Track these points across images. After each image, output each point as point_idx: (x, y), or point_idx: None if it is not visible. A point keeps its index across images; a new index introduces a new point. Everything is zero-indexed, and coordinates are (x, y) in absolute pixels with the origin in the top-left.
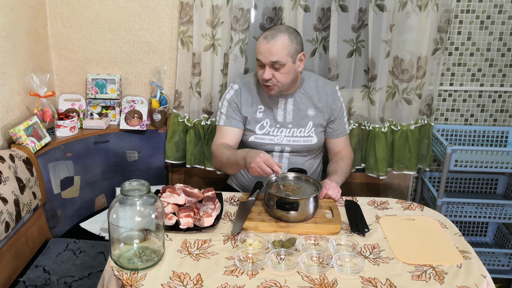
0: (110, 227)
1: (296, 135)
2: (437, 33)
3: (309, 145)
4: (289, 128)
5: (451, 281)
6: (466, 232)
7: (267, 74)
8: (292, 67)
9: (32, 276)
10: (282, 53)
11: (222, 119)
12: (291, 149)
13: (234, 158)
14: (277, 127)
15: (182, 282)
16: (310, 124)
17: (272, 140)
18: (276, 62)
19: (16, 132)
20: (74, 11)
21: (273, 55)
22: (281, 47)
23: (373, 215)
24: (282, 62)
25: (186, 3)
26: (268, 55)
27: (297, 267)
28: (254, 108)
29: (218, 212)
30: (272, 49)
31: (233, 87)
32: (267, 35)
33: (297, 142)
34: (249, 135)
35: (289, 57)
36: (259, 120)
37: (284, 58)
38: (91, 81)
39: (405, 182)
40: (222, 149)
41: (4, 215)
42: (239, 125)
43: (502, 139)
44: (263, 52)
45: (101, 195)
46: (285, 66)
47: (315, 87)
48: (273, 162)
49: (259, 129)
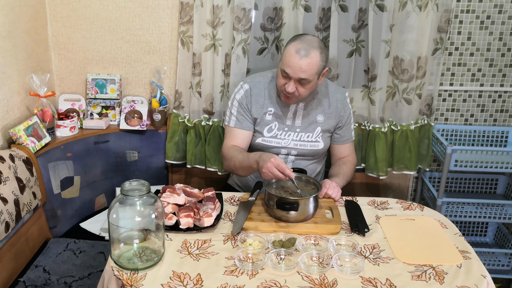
0: (110, 227)
1: (304, 139)
2: (437, 33)
3: (315, 150)
4: (297, 132)
5: (451, 281)
6: (466, 232)
7: (291, 88)
8: (316, 83)
9: (32, 276)
10: (312, 71)
11: (232, 120)
12: (297, 153)
13: (247, 162)
14: (285, 130)
15: (182, 282)
16: (318, 129)
17: (279, 144)
18: (304, 79)
19: (16, 132)
20: (74, 11)
21: (304, 72)
22: (313, 65)
23: (373, 215)
24: (309, 79)
25: (186, 3)
26: (298, 72)
27: (297, 267)
28: (264, 110)
29: (218, 212)
30: (303, 66)
31: (243, 87)
32: (299, 50)
33: (304, 147)
34: (257, 136)
35: (317, 74)
36: (268, 123)
37: (312, 76)
38: (91, 81)
39: (405, 182)
40: (234, 152)
41: (4, 215)
42: (250, 127)
43: (502, 139)
44: (293, 67)
45: (101, 195)
46: (311, 82)
47: (326, 92)
48: (284, 167)
49: (267, 132)
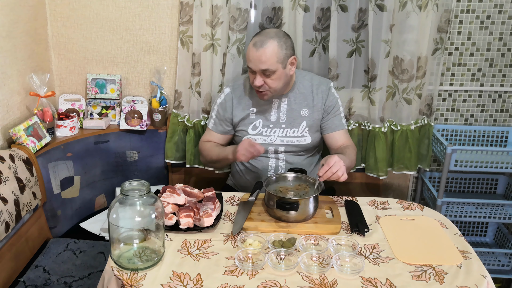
0: (110, 227)
1: (290, 135)
2: (437, 33)
3: (303, 145)
4: (283, 128)
5: (451, 281)
6: (466, 232)
7: (258, 81)
8: (283, 72)
9: (32, 276)
10: (271, 60)
11: (211, 122)
12: (285, 149)
13: (223, 153)
14: (270, 127)
15: (182, 282)
16: (303, 124)
17: (265, 140)
18: (266, 69)
19: (16, 132)
20: (74, 11)
21: (263, 63)
22: (270, 54)
23: (373, 215)
24: (272, 69)
25: (186, 3)
26: (258, 63)
27: (297, 267)
28: (247, 111)
29: (218, 212)
30: (262, 57)
31: (224, 91)
32: (256, 42)
33: (291, 142)
34: (243, 135)
35: (279, 63)
36: (252, 121)
37: (274, 65)
38: (91, 81)
39: (405, 182)
40: (211, 147)
41: (4, 215)
42: (226, 131)
43: (502, 139)
44: (253, 60)
45: (101, 195)
46: (276, 72)
47: (309, 86)
48: (254, 143)
49: (252, 129)
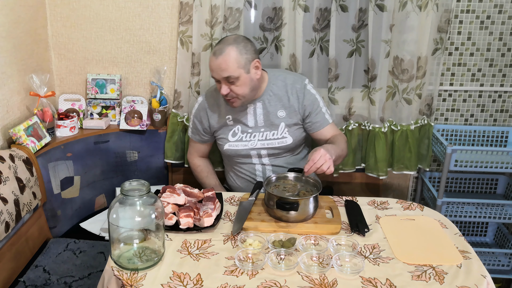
0: (110, 227)
1: (270, 137)
2: (437, 33)
3: (285, 146)
4: (262, 132)
5: (451, 281)
6: (466, 232)
7: (224, 90)
8: (247, 77)
9: (32, 276)
10: (232, 67)
11: (189, 131)
12: (267, 152)
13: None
14: (249, 132)
15: (182, 282)
16: (282, 125)
17: (246, 146)
18: (228, 77)
19: (16, 132)
20: (74, 11)
21: (224, 70)
22: (230, 61)
23: (373, 215)
24: (234, 75)
25: (186, 3)
26: (219, 71)
27: (297, 267)
28: (223, 119)
29: (218, 212)
30: (222, 65)
31: (198, 100)
32: (215, 51)
33: (272, 145)
34: (224, 143)
35: (241, 68)
36: (231, 128)
37: (236, 72)
38: (91, 81)
39: (405, 182)
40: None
41: (4, 215)
42: (204, 140)
43: (502, 139)
44: (214, 68)
45: (101, 195)
46: (240, 78)
47: (283, 86)
48: None
49: (231, 136)
